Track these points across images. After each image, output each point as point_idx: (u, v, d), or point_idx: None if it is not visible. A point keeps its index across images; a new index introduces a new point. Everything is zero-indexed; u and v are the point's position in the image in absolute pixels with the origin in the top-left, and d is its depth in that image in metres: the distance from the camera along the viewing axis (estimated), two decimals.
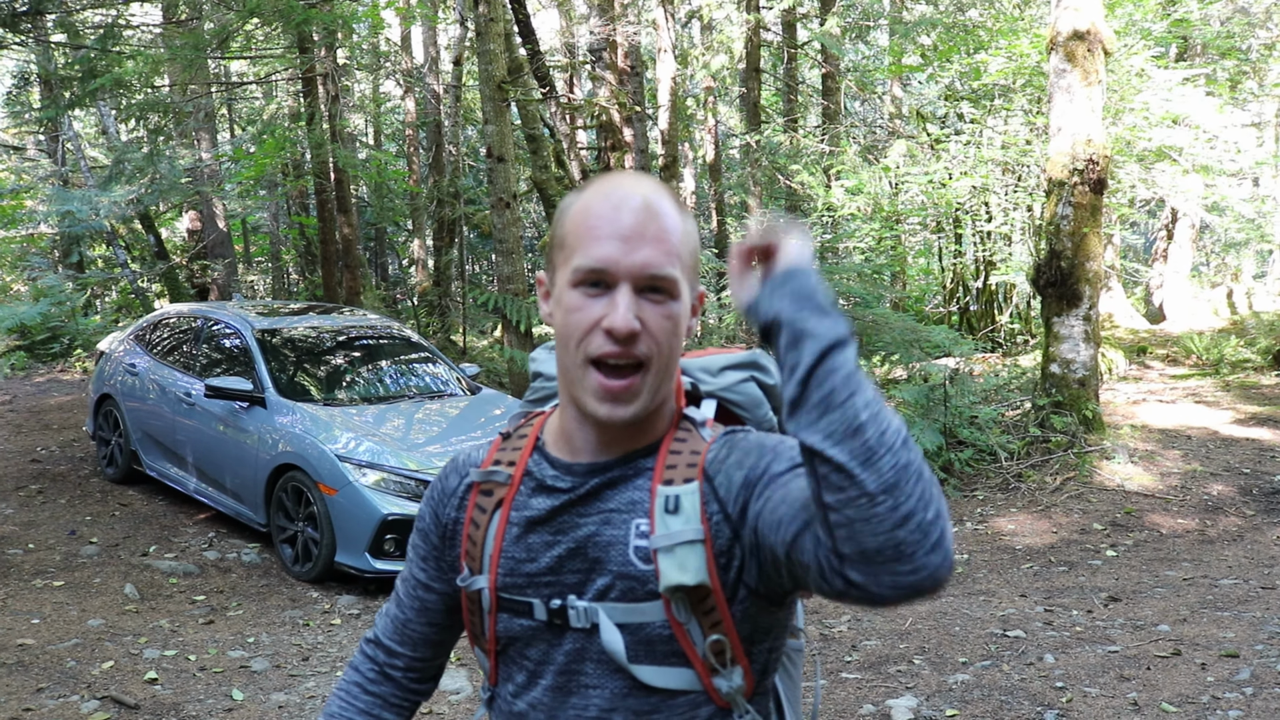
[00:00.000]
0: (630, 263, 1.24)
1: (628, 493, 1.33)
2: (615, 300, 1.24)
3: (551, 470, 1.37)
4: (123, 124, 17.98)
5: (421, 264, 21.13)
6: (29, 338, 15.01)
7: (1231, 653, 4.84)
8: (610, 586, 1.31)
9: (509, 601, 1.37)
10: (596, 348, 1.24)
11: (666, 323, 1.26)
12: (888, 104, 19.26)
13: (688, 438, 1.35)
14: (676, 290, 1.27)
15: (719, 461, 1.30)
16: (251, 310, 8.62)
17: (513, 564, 1.36)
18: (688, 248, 1.30)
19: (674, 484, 1.30)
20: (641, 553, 1.29)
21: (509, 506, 1.38)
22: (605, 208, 1.27)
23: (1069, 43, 8.82)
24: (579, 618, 1.32)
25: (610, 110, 14.00)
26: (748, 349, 1.60)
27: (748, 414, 1.53)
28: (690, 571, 1.25)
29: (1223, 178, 12.67)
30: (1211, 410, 10.66)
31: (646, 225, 1.25)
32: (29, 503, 8.06)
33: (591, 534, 1.32)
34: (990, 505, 8.03)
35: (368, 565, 6.35)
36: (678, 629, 1.28)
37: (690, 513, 1.28)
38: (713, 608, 1.28)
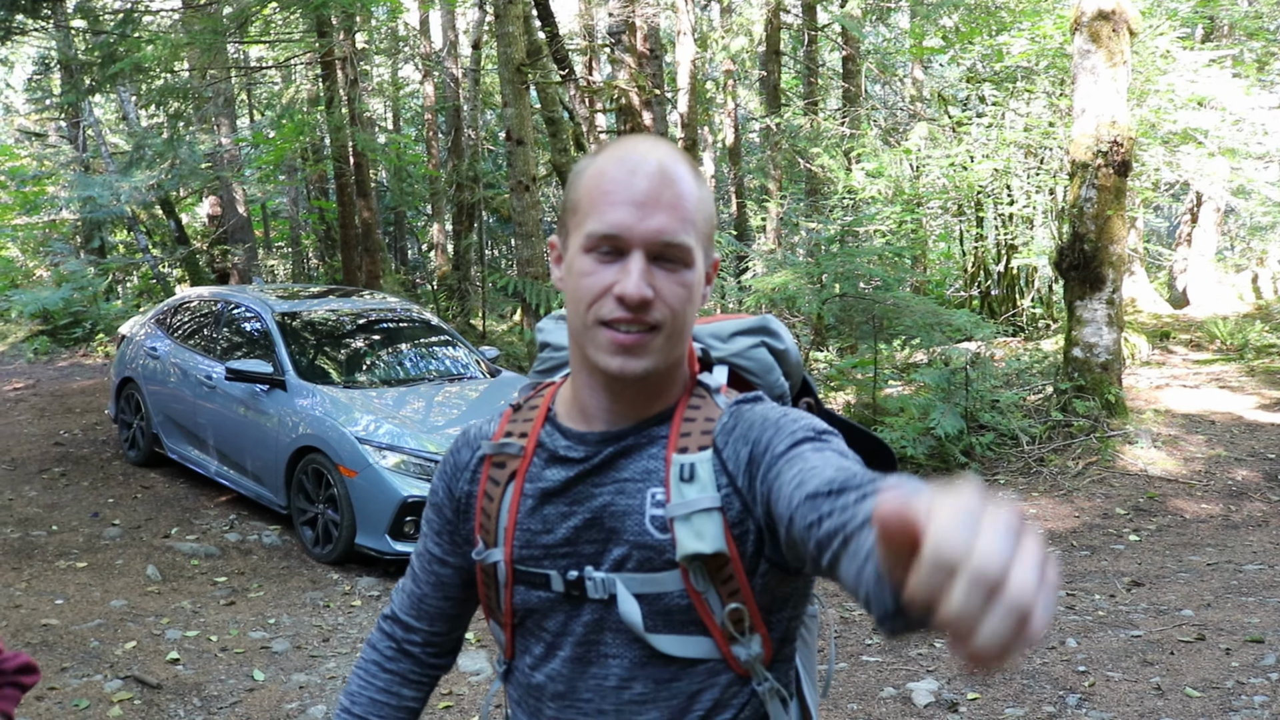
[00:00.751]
0: (644, 229, 1.21)
1: (642, 461, 1.31)
2: (628, 267, 1.21)
3: (564, 440, 1.35)
4: (143, 109, 18.05)
5: (441, 248, 21.15)
6: (51, 322, 15.13)
7: (1256, 638, 4.80)
8: (627, 556, 1.30)
9: (525, 574, 1.36)
10: (608, 312, 1.22)
11: (680, 290, 1.24)
12: (909, 86, 19.13)
13: (702, 404, 1.34)
14: (690, 258, 1.24)
15: (726, 432, 1.29)
16: (271, 294, 8.63)
17: (528, 536, 1.35)
18: (702, 214, 1.27)
19: (689, 451, 1.29)
20: (658, 522, 1.28)
21: (522, 478, 1.37)
22: (620, 172, 1.24)
23: (1094, 23, 8.71)
24: (596, 588, 1.31)
25: (629, 93, 13.95)
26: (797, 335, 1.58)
27: (759, 379, 1.51)
28: (708, 540, 1.24)
29: (1249, 161, 12.51)
30: (1235, 395, 10.56)
31: (661, 191, 1.22)
32: (52, 485, 8.12)
33: (607, 504, 1.31)
34: (1012, 489, 7.98)
35: (388, 547, 6.36)
36: (696, 598, 1.27)
37: (706, 480, 1.27)
38: (730, 576, 1.26)
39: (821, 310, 9.74)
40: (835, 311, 9.77)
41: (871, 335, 9.45)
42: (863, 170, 13.40)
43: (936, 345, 9.42)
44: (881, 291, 9.73)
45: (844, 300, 9.62)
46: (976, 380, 8.86)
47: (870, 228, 12.91)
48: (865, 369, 9.97)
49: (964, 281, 16.51)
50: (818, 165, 14.43)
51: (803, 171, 16.07)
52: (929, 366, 9.66)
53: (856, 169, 13.59)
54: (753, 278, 11.17)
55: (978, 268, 15.87)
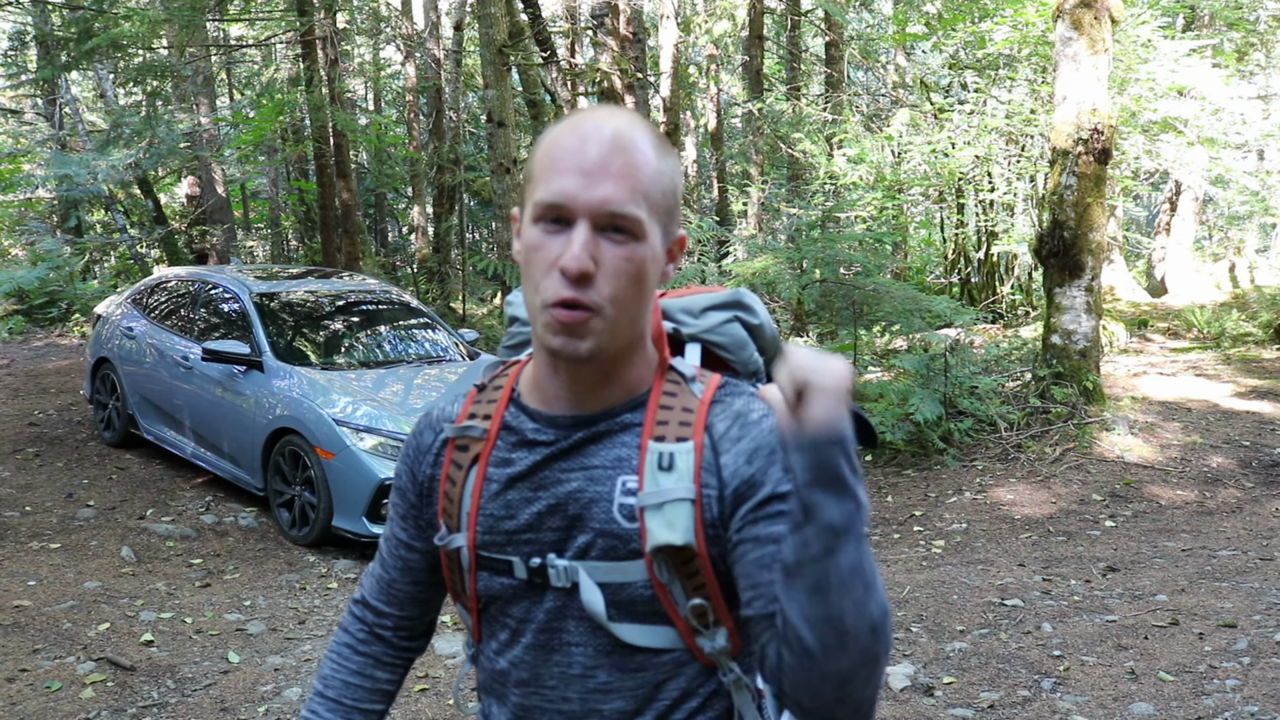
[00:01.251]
0: (589, 198, 1.17)
1: (613, 449, 1.28)
2: (571, 237, 1.17)
3: (532, 424, 1.32)
4: (120, 87, 17.87)
5: (421, 230, 21.04)
6: (27, 302, 14.99)
7: (1229, 623, 4.84)
8: (591, 544, 1.27)
9: (488, 560, 1.33)
10: (553, 293, 1.18)
11: (626, 265, 1.19)
12: (891, 73, 19.14)
13: (677, 392, 1.31)
14: (640, 231, 1.19)
15: (729, 439, 1.26)
16: (250, 274, 8.57)
17: (491, 521, 1.32)
18: (659, 187, 1.22)
19: (666, 440, 1.26)
20: (626, 510, 1.26)
21: (485, 462, 1.34)
22: (572, 140, 1.20)
23: (1076, 10, 8.72)
24: (559, 576, 1.29)
25: (612, 76, 13.90)
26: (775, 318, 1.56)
27: (732, 355, 1.47)
28: (679, 531, 1.22)
29: (1227, 150, 12.58)
30: (1212, 383, 10.64)
31: (610, 160, 1.18)
32: (26, 466, 8.05)
33: (573, 490, 1.28)
34: (989, 475, 8.02)
35: (364, 530, 6.34)
36: (660, 590, 1.25)
37: (684, 471, 1.24)
38: (696, 570, 1.25)
39: (802, 295, 9.74)
40: (815, 297, 9.78)
41: (851, 321, 9.46)
42: (844, 156, 13.40)
43: (916, 331, 9.44)
44: (862, 277, 9.74)
45: (824, 286, 9.63)
46: (956, 366, 8.89)
47: (851, 213, 12.90)
48: (845, 355, 9.99)
49: (944, 268, 16.56)
50: (799, 150, 14.42)
51: (784, 157, 16.06)
52: (908, 353, 9.69)
53: (838, 154, 13.59)
54: (733, 262, 11.16)
55: (958, 254, 15.92)
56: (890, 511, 7.55)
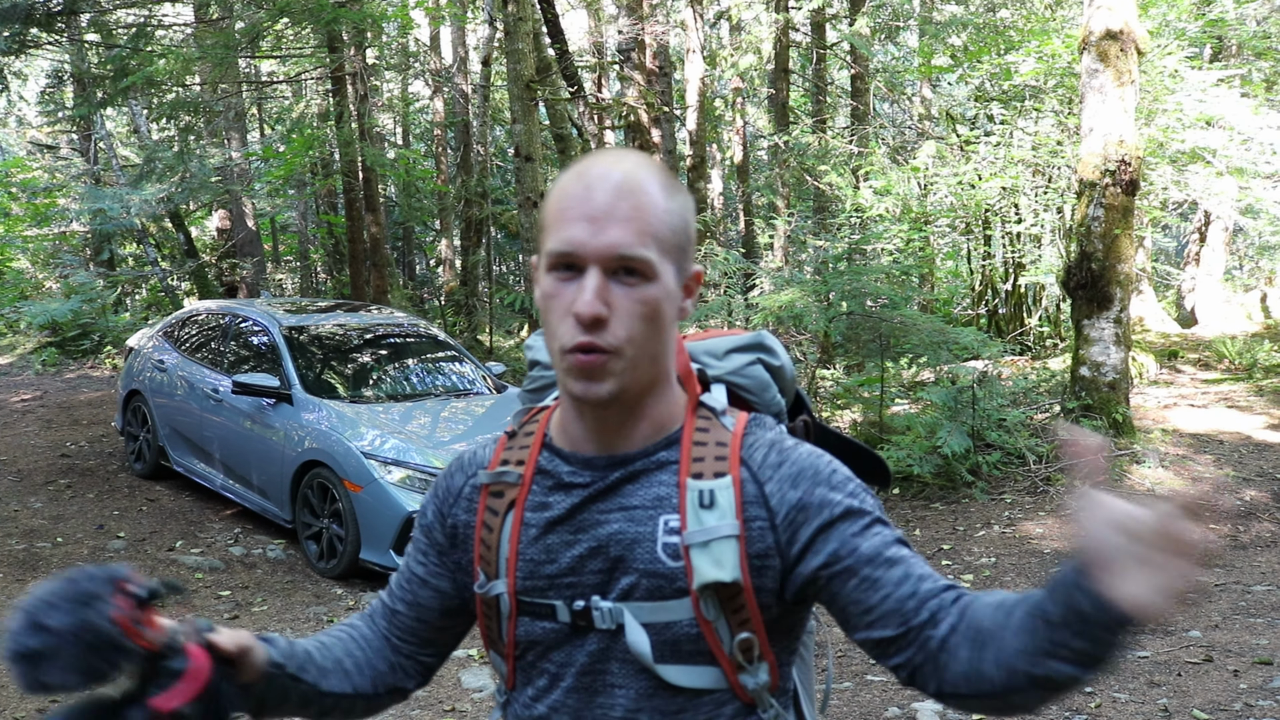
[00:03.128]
0: (597, 245, 1.19)
1: (652, 488, 1.29)
2: (583, 284, 1.19)
3: (567, 466, 1.33)
4: (154, 123, 18.13)
5: (449, 263, 21.18)
6: (60, 334, 15.17)
7: (1265, 660, 4.77)
8: (635, 585, 1.27)
9: (529, 605, 1.33)
10: (570, 338, 1.20)
11: (640, 307, 1.21)
12: (917, 105, 19.16)
13: (710, 427, 1.32)
14: (651, 271, 1.21)
15: (769, 466, 1.28)
16: (279, 307, 8.66)
17: (531, 566, 1.32)
18: (668, 226, 1.23)
19: (704, 478, 1.27)
20: (671, 549, 1.26)
21: (522, 507, 1.34)
22: (577, 188, 1.22)
23: (1102, 42, 8.72)
24: (603, 618, 1.29)
25: (638, 110, 13.99)
26: (805, 353, 1.56)
27: (755, 398, 1.49)
28: (727, 567, 1.23)
29: (1257, 180, 12.48)
30: (1244, 415, 10.52)
31: (616, 205, 1.20)
32: (58, 497, 8.13)
33: (614, 532, 1.28)
34: (1018, 509, 7.95)
35: (392, 562, 6.35)
36: (705, 627, 1.25)
37: (726, 507, 1.25)
38: (742, 606, 1.25)
39: (829, 328, 9.73)
40: (842, 329, 9.76)
41: (878, 353, 9.44)
42: (871, 188, 13.41)
43: (943, 364, 9.40)
44: (889, 309, 9.71)
45: (851, 318, 9.61)
46: (983, 399, 8.83)
47: (878, 246, 12.90)
48: (872, 387, 9.95)
49: (971, 300, 16.48)
50: (826, 183, 14.44)
51: (811, 189, 16.09)
52: (936, 385, 9.64)
53: (864, 187, 13.60)
54: (760, 295, 11.17)
55: (985, 286, 15.85)
56: (918, 545, 7.49)
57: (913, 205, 13.52)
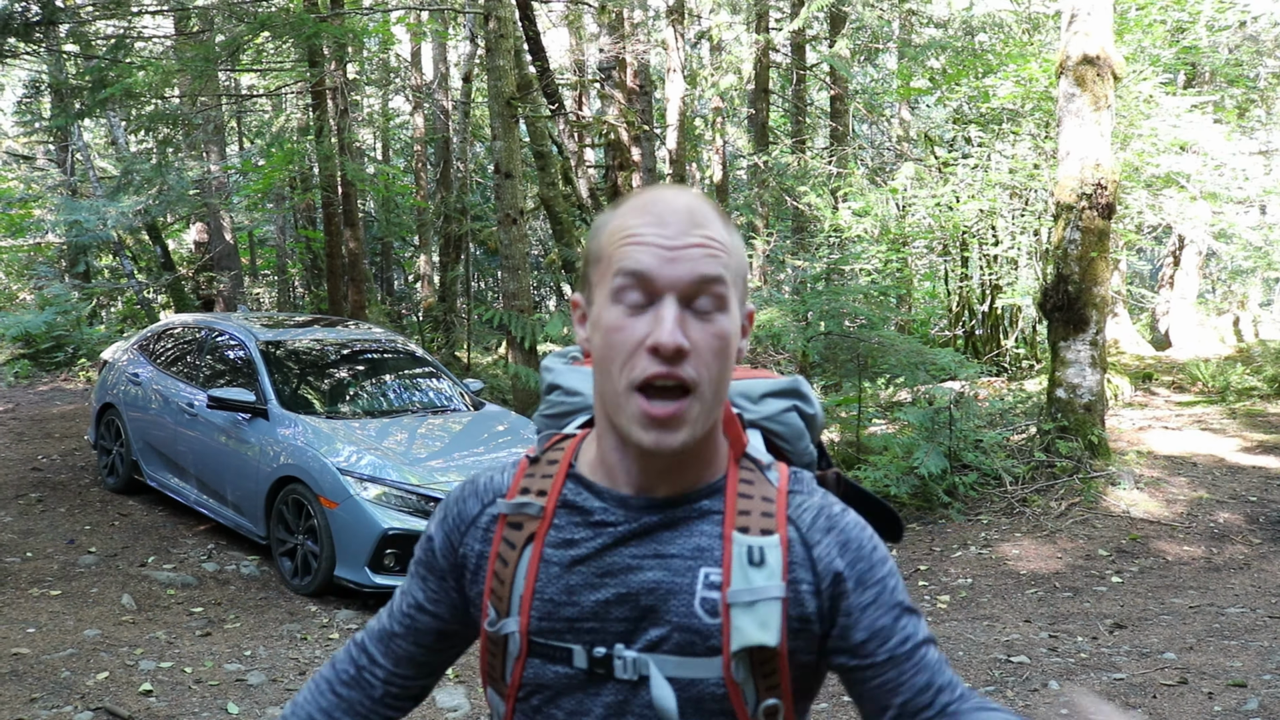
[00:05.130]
0: (675, 271, 1.13)
1: (692, 538, 1.22)
2: (660, 314, 1.12)
3: (599, 502, 1.25)
4: (132, 135, 18.04)
5: (427, 279, 21.13)
6: (33, 346, 15.03)
7: (1239, 682, 4.79)
8: (666, 638, 1.21)
9: (543, 647, 1.25)
10: (641, 371, 1.13)
11: (716, 341, 1.15)
12: (896, 126, 19.29)
13: (754, 480, 1.26)
14: (726, 301, 1.16)
15: (819, 529, 1.23)
16: (256, 322, 8.60)
17: (549, 607, 1.24)
18: (736, 259, 1.19)
19: (750, 533, 1.21)
20: (709, 605, 1.20)
21: (541, 541, 1.26)
22: (646, 217, 1.16)
23: (1079, 67, 8.81)
24: (625, 669, 1.21)
25: (619, 129, 14.03)
26: (784, 374, 1.49)
27: (789, 446, 1.42)
28: (772, 631, 1.18)
29: (1230, 205, 12.63)
30: (1218, 437, 10.61)
31: (690, 231, 1.15)
32: (28, 511, 8.03)
33: (647, 580, 1.21)
34: (995, 530, 7.98)
35: (367, 580, 6.30)
36: (733, 689, 1.20)
37: (775, 568, 1.20)
38: (774, 670, 1.20)
39: (806, 348, 9.75)
40: (820, 349, 9.78)
41: (856, 373, 9.47)
42: (849, 209, 13.48)
43: (921, 384, 9.44)
44: (866, 330, 9.76)
45: (829, 338, 9.64)
46: (960, 420, 8.87)
47: (856, 266, 12.96)
48: (850, 407, 9.98)
49: (948, 321, 16.57)
50: (805, 203, 14.50)
51: (790, 209, 16.15)
52: (913, 405, 9.67)
53: (843, 208, 13.67)
54: None
55: (962, 307, 15.94)
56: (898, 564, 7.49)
57: (891, 226, 13.60)
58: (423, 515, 6.39)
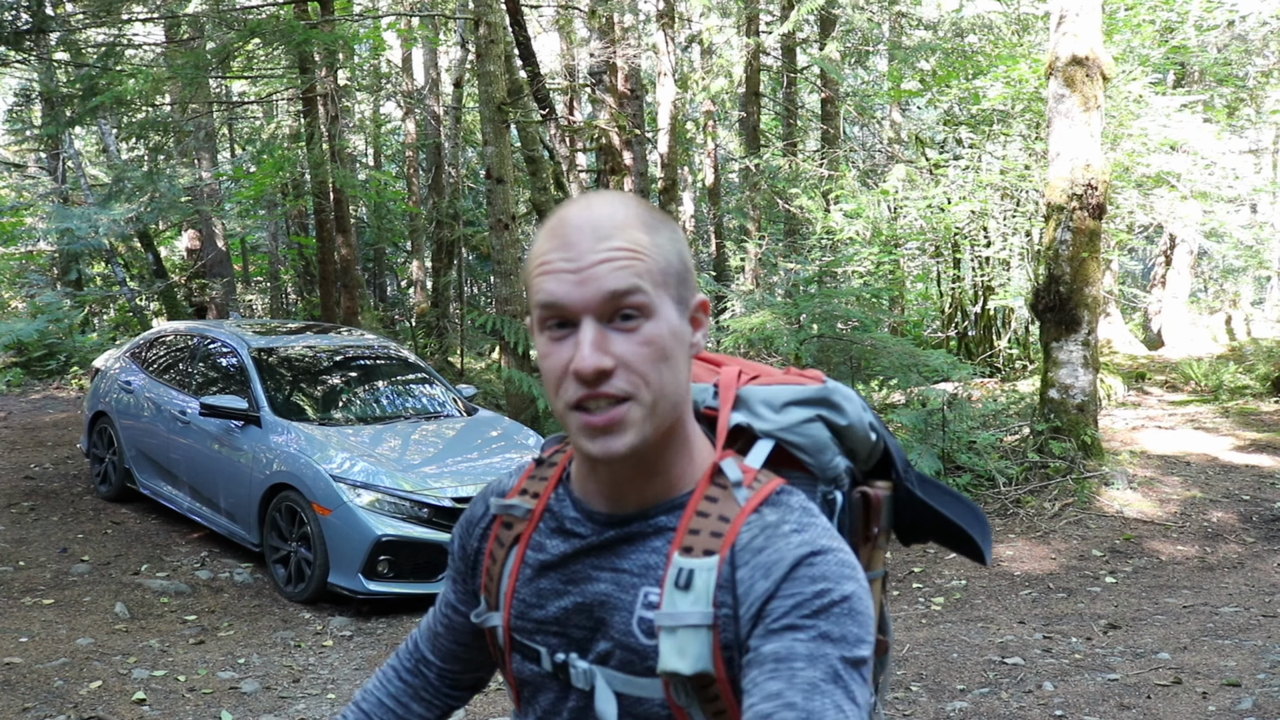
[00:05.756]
0: (584, 294, 1.10)
1: (643, 554, 1.20)
2: (579, 339, 1.11)
3: (573, 512, 1.27)
4: (123, 142, 18.02)
5: (420, 285, 21.13)
6: (26, 354, 14.99)
7: (1233, 681, 4.79)
8: (610, 653, 1.21)
9: (521, 644, 1.30)
10: (571, 394, 1.12)
11: (644, 349, 1.11)
12: (887, 129, 19.32)
13: (719, 497, 1.21)
14: (648, 308, 1.12)
15: (752, 550, 1.15)
16: (248, 329, 8.59)
17: (523, 607, 1.29)
18: (660, 260, 1.14)
19: (692, 554, 1.17)
20: (645, 625, 1.18)
21: (525, 544, 1.30)
22: (554, 241, 1.14)
23: (1068, 68, 8.83)
24: (579, 678, 1.23)
25: (610, 133, 14.04)
26: (819, 380, 1.40)
27: (810, 459, 1.33)
28: (689, 659, 1.13)
29: (1221, 204, 12.68)
30: (1211, 436, 10.63)
31: (598, 247, 1.11)
32: (21, 520, 8.01)
33: (600, 592, 1.22)
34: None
35: (361, 586, 6.29)
36: (677, 711, 1.17)
37: (702, 592, 1.14)
38: (716, 695, 1.16)
39: (799, 350, 9.76)
40: (813, 352, 9.79)
41: (849, 376, 9.48)
42: (841, 211, 13.50)
43: (914, 386, 9.45)
44: (859, 332, 9.77)
45: (822, 341, 9.65)
46: (953, 421, 8.88)
47: (848, 268, 12.97)
48: None
49: (941, 322, 16.60)
50: (796, 206, 14.53)
51: (781, 212, 16.18)
52: (906, 407, 9.68)
53: (835, 210, 13.69)
54: (731, 318, 11.20)
55: (955, 309, 15.97)
56: (889, 568, 7.49)
57: (883, 228, 13.63)
58: (416, 521, 6.38)
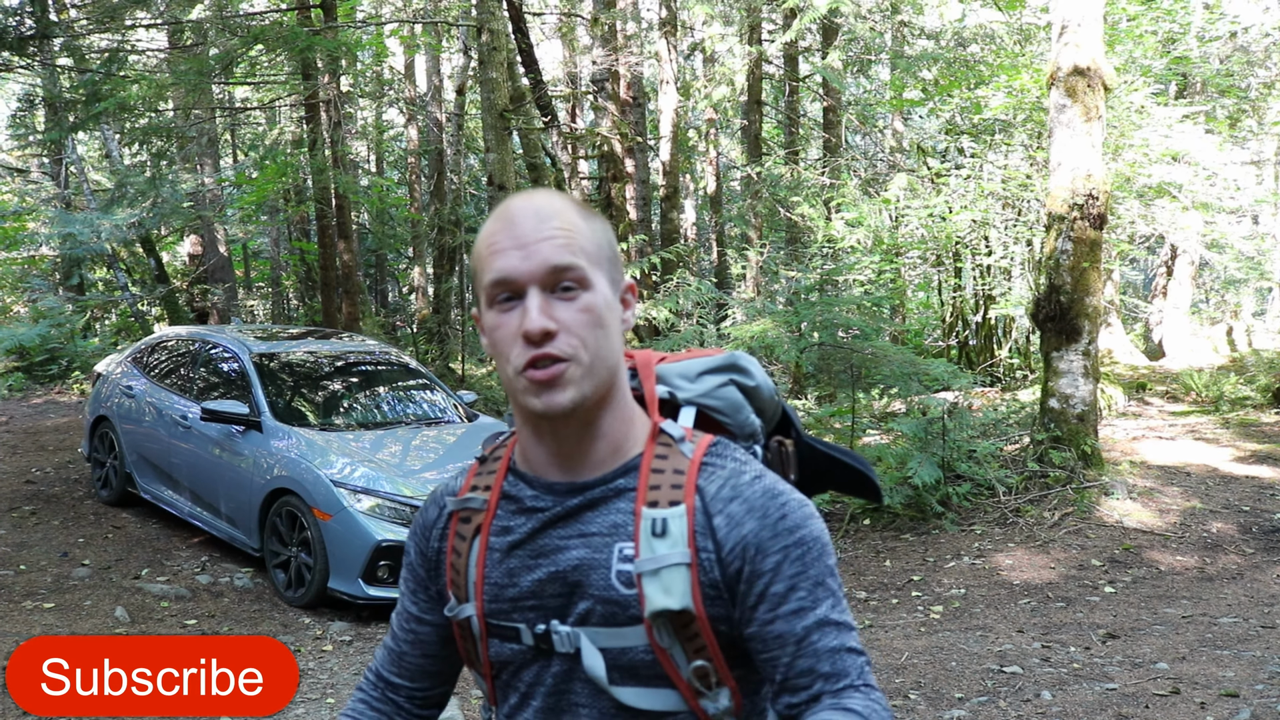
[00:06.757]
0: (530, 265, 1.25)
1: (609, 515, 1.31)
2: (526, 305, 1.25)
3: (530, 490, 1.37)
4: (126, 148, 18.06)
5: (421, 291, 21.15)
6: (27, 359, 15.01)
7: (1231, 692, 4.79)
8: (591, 611, 1.31)
9: (497, 627, 1.37)
10: (519, 357, 1.25)
11: (583, 315, 1.26)
12: (888, 138, 19.35)
13: (668, 454, 1.34)
14: (586, 281, 1.27)
15: (721, 499, 1.29)
16: (250, 334, 8.60)
17: (496, 590, 1.36)
18: (593, 242, 1.31)
19: (659, 506, 1.29)
20: (624, 577, 1.29)
21: (487, 531, 1.38)
22: (500, 225, 1.29)
23: (1070, 78, 8.85)
24: (563, 642, 1.32)
25: (612, 140, 14.06)
26: (724, 351, 1.56)
27: (728, 419, 1.49)
28: (675, 595, 1.26)
29: (1222, 215, 12.70)
30: (1211, 447, 10.63)
31: (540, 228, 1.27)
32: (22, 524, 8.02)
33: (572, 558, 1.32)
34: (988, 540, 7.98)
35: (361, 591, 6.30)
36: (660, 654, 1.28)
37: (678, 536, 1.27)
38: (696, 634, 1.28)
39: (800, 359, 9.77)
40: (814, 360, 9.80)
41: (850, 384, 9.48)
42: (842, 220, 13.52)
43: (914, 395, 9.45)
44: (860, 340, 9.77)
45: (822, 349, 9.66)
46: (953, 430, 8.88)
47: (849, 277, 13.00)
48: (843, 418, 9.99)
49: (942, 331, 16.61)
50: (798, 214, 14.55)
51: (783, 220, 16.20)
52: (906, 416, 9.68)
53: (836, 218, 13.71)
54: (732, 325, 11.21)
55: (955, 318, 15.98)
56: (888, 576, 7.50)
57: (884, 237, 13.65)
58: None
